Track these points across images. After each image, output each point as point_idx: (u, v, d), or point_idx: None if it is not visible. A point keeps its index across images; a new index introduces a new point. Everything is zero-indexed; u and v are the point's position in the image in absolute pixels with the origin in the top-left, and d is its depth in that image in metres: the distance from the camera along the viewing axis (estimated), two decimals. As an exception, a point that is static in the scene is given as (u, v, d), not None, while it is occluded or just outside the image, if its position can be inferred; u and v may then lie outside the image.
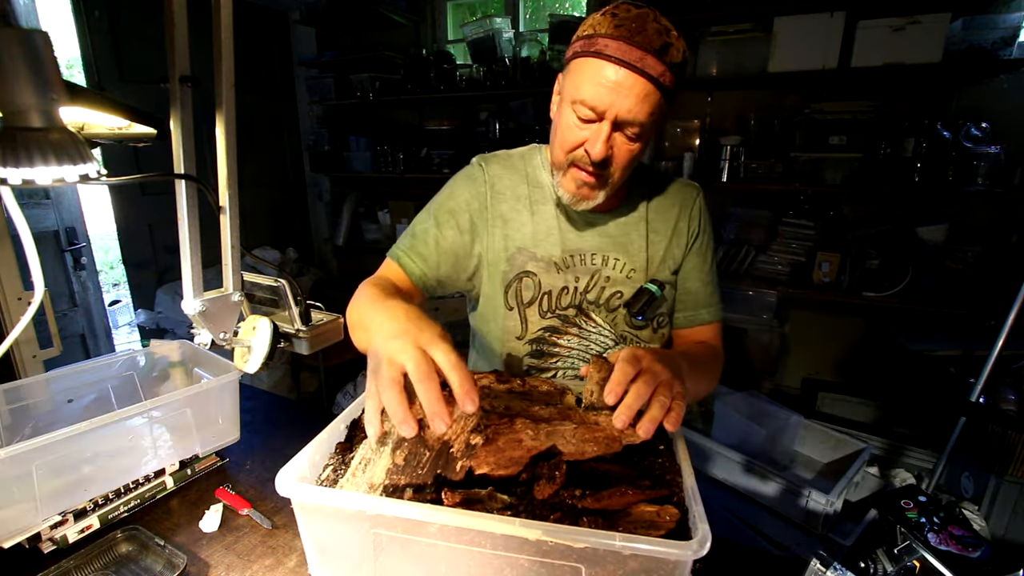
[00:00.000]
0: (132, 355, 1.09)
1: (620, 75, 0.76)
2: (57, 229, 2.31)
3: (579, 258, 0.96)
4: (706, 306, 1.03)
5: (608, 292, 0.97)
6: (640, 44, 0.76)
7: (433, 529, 0.45)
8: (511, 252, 0.96)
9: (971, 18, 1.93)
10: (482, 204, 0.98)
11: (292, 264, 3.36)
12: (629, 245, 0.97)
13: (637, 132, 0.80)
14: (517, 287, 0.96)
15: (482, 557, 0.45)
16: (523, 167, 1.01)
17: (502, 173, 0.99)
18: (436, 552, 0.47)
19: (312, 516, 0.51)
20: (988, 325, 1.84)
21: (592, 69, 0.78)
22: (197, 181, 0.76)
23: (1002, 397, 1.78)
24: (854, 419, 2.34)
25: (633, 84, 0.76)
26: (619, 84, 0.76)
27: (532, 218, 0.97)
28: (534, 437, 0.53)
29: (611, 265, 0.97)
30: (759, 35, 2.19)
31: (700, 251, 1.02)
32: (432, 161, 3.09)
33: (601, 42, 0.77)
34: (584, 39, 0.81)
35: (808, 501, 1.73)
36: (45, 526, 0.78)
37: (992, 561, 0.84)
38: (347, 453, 0.59)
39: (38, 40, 0.55)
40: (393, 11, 3.00)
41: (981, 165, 1.97)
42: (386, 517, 0.46)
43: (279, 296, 0.87)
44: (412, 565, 0.49)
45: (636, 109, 0.78)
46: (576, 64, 0.81)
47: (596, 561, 0.42)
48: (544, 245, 0.96)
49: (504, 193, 0.98)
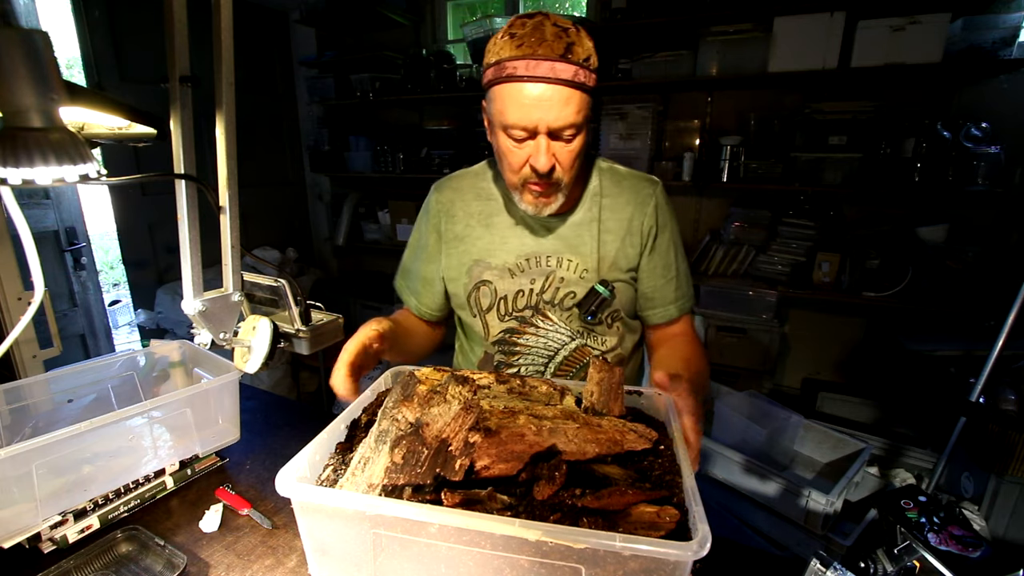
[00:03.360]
0: (132, 355, 1.10)
1: (537, 91, 0.79)
2: (57, 229, 2.31)
3: (535, 260, 1.01)
4: (673, 301, 1.06)
5: (562, 292, 1.02)
6: (544, 55, 0.78)
7: (433, 529, 0.45)
8: (468, 265, 1.04)
9: (971, 18, 1.93)
10: (438, 231, 1.08)
11: (292, 264, 3.36)
12: (581, 246, 1.01)
13: (572, 133, 0.84)
14: (476, 296, 1.05)
15: (482, 557, 0.45)
16: (474, 184, 1.08)
17: (452, 197, 1.08)
18: (436, 552, 0.47)
19: (312, 516, 0.51)
20: (988, 325, 1.84)
21: (509, 94, 0.81)
22: (197, 181, 0.76)
23: (1002, 397, 1.78)
24: (854, 419, 2.34)
25: (552, 95, 0.80)
26: (539, 99, 0.80)
27: (487, 231, 1.04)
28: (536, 432, 0.52)
29: (564, 266, 1.01)
30: (759, 35, 2.19)
31: (661, 249, 1.04)
32: (432, 161, 3.09)
33: (509, 66, 0.80)
34: (494, 67, 0.83)
35: (808, 501, 1.73)
36: (45, 526, 0.78)
37: (992, 561, 0.84)
38: (347, 453, 0.59)
39: (38, 40, 0.55)
40: (393, 11, 3.00)
41: (981, 165, 1.97)
42: (386, 517, 0.46)
43: (279, 296, 0.87)
44: (412, 565, 0.49)
45: (563, 115, 0.81)
46: (494, 92, 0.85)
47: (596, 562, 0.42)
48: (499, 254, 1.03)
49: (456, 215, 1.06)
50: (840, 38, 2.05)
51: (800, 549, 1.70)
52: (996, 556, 0.86)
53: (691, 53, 2.34)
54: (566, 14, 2.91)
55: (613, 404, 0.63)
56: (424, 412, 0.52)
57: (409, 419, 0.52)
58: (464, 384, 0.56)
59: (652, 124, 2.51)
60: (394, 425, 0.51)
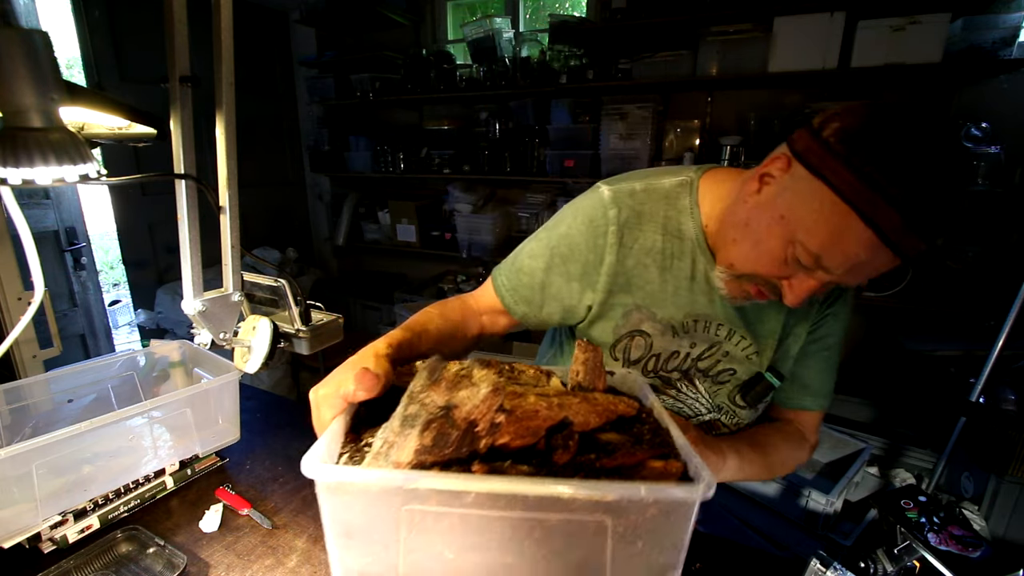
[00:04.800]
0: (132, 355, 1.10)
1: (876, 253, 0.58)
2: (57, 229, 2.31)
3: (703, 324, 0.84)
4: (813, 395, 0.91)
5: (722, 367, 0.87)
6: (922, 232, 0.55)
7: (470, 498, 0.48)
8: (628, 308, 0.85)
9: (971, 18, 1.93)
10: (599, 256, 0.83)
11: (292, 264, 3.36)
12: (760, 327, 0.84)
13: (846, 284, 0.66)
14: (627, 344, 0.87)
15: (513, 521, 0.49)
16: (662, 211, 0.82)
17: (633, 221, 0.82)
18: (467, 523, 0.49)
19: (339, 498, 0.51)
20: (988, 325, 1.84)
21: (849, 229, 0.57)
22: (197, 181, 0.76)
23: (1002, 397, 1.78)
24: (854, 419, 2.34)
25: (887, 263, 0.59)
26: (870, 262, 0.59)
27: (660, 275, 0.83)
28: (548, 408, 0.55)
29: (734, 341, 0.85)
30: (759, 35, 2.19)
31: (829, 334, 0.89)
32: (432, 161, 3.09)
33: (887, 214, 0.55)
34: (863, 178, 0.55)
35: (808, 501, 1.73)
36: (45, 526, 0.78)
37: (992, 561, 0.84)
38: (358, 441, 0.60)
39: (38, 40, 0.55)
40: (393, 11, 3.00)
41: (981, 165, 1.97)
42: (420, 492, 0.48)
43: (279, 296, 0.87)
44: (442, 538, 0.51)
45: (869, 276, 0.62)
46: (818, 192, 0.58)
47: (620, 512, 0.47)
48: (666, 307, 0.84)
49: (631, 247, 0.82)
50: (840, 38, 2.04)
51: (800, 549, 1.70)
52: (996, 556, 0.86)
53: (691, 53, 2.34)
54: (572, 14, 2.91)
55: (597, 381, 0.67)
56: (452, 395, 0.54)
57: (438, 403, 0.54)
58: (488, 367, 0.58)
59: (652, 124, 2.51)
60: (424, 409, 0.53)
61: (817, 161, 0.58)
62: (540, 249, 0.88)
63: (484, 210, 3.00)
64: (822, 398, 0.91)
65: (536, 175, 2.80)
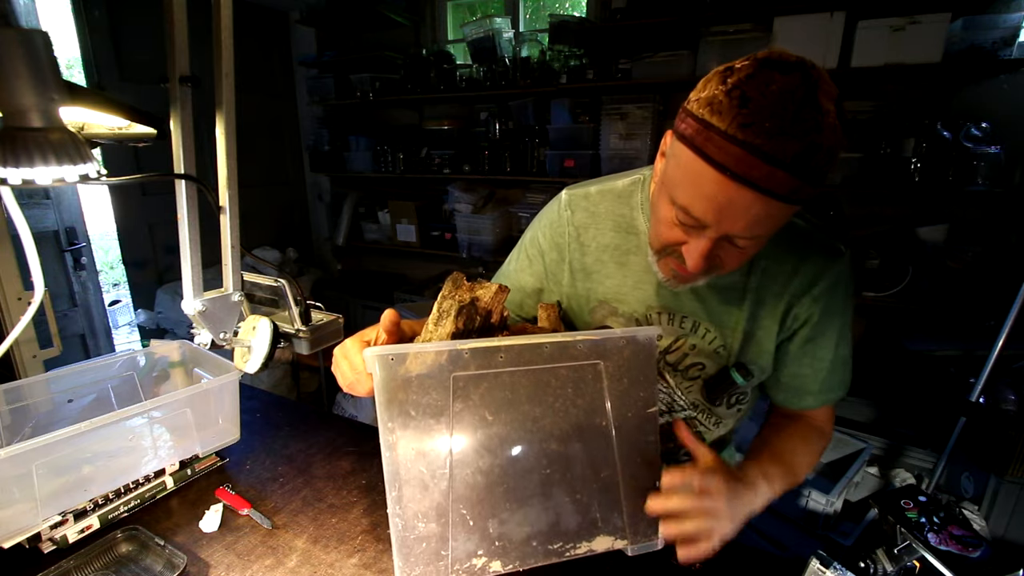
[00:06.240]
0: (132, 355, 1.09)
1: (735, 193, 0.57)
2: (57, 229, 2.31)
3: (667, 317, 0.85)
4: (814, 392, 0.87)
5: (690, 360, 0.86)
6: (771, 152, 0.54)
7: (501, 357, 0.63)
8: (592, 305, 0.90)
9: (971, 18, 1.93)
10: (561, 255, 0.91)
11: (292, 264, 3.36)
12: (725, 317, 0.82)
13: (750, 244, 0.64)
14: None
15: (534, 374, 0.65)
16: (615, 210, 0.86)
17: (587, 222, 0.88)
18: (501, 381, 0.64)
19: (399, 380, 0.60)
20: (988, 325, 1.84)
21: (699, 174, 0.59)
22: (197, 181, 0.76)
23: (1002, 397, 1.78)
24: (854, 419, 2.34)
25: (751, 204, 0.57)
26: (730, 202, 0.58)
27: (619, 270, 0.86)
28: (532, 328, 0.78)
29: (700, 334, 0.84)
30: (759, 35, 2.19)
31: (819, 341, 0.84)
32: (432, 161, 3.09)
33: (716, 142, 0.56)
34: (700, 124, 0.58)
35: (808, 501, 1.73)
36: (45, 526, 0.78)
37: (992, 561, 0.84)
38: None
39: (38, 40, 0.55)
40: (393, 11, 3.00)
41: (981, 165, 1.97)
42: (463, 358, 0.62)
43: (279, 296, 0.87)
44: (481, 398, 0.63)
45: (752, 228, 0.61)
46: (679, 151, 0.61)
47: (607, 354, 0.68)
48: (628, 301, 0.86)
49: (588, 245, 0.88)
50: (840, 38, 2.04)
51: (800, 549, 1.70)
52: (996, 556, 0.86)
53: (691, 53, 2.34)
54: (571, 14, 2.91)
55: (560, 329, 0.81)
56: (473, 293, 0.68)
57: (465, 298, 0.67)
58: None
59: (652, 124, 2.51)
60: (456, 303, 0.66)
61: (679, 123, 0.63)
62: (516, 254, 1.00)
63: (484, 210, 3.00)
64: (825, 394, 0.88)
65: (536, 175, 2.81)
